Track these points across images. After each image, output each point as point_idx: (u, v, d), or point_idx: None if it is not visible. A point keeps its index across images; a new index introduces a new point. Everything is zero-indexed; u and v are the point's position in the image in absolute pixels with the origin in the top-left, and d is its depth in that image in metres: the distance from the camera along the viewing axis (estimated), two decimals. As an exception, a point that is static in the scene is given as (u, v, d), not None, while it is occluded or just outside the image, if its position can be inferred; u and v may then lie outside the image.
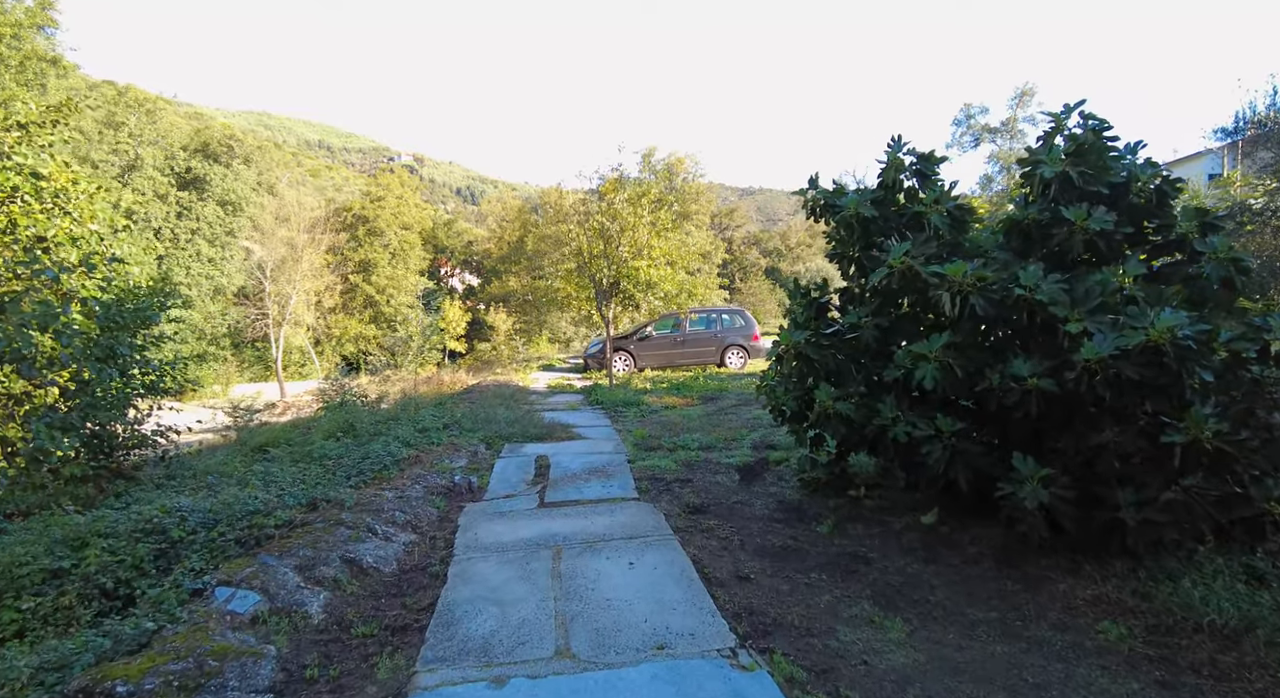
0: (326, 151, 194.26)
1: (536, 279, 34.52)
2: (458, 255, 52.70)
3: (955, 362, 4.47)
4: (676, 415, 9.75)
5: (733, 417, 9.52)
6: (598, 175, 12.33)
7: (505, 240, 43.36)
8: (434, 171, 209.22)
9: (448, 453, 7.34)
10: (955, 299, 4.42)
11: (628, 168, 12.06)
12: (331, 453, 7.38)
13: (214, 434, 17.14)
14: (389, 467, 6.47)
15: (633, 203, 12.61)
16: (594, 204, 12.45)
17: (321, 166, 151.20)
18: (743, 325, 16.78)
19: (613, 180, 13.21)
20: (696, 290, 15.40)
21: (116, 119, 35.84)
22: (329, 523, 4.85)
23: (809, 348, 5.24)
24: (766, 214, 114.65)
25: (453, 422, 8.85)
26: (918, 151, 5.39)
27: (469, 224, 62.21)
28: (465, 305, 43.81)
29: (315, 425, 9.75)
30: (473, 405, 10.83)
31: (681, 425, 8.98)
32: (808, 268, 43.54)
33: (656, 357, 16.48)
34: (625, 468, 6.75)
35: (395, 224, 44.85)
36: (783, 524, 5.21)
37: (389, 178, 48.15)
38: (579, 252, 12.91)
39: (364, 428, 8.60)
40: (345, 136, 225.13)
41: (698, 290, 15.40)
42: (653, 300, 14.70)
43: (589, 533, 4.82)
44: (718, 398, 11.22)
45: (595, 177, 12.31)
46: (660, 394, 11.78)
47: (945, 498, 5.13)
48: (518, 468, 6.85)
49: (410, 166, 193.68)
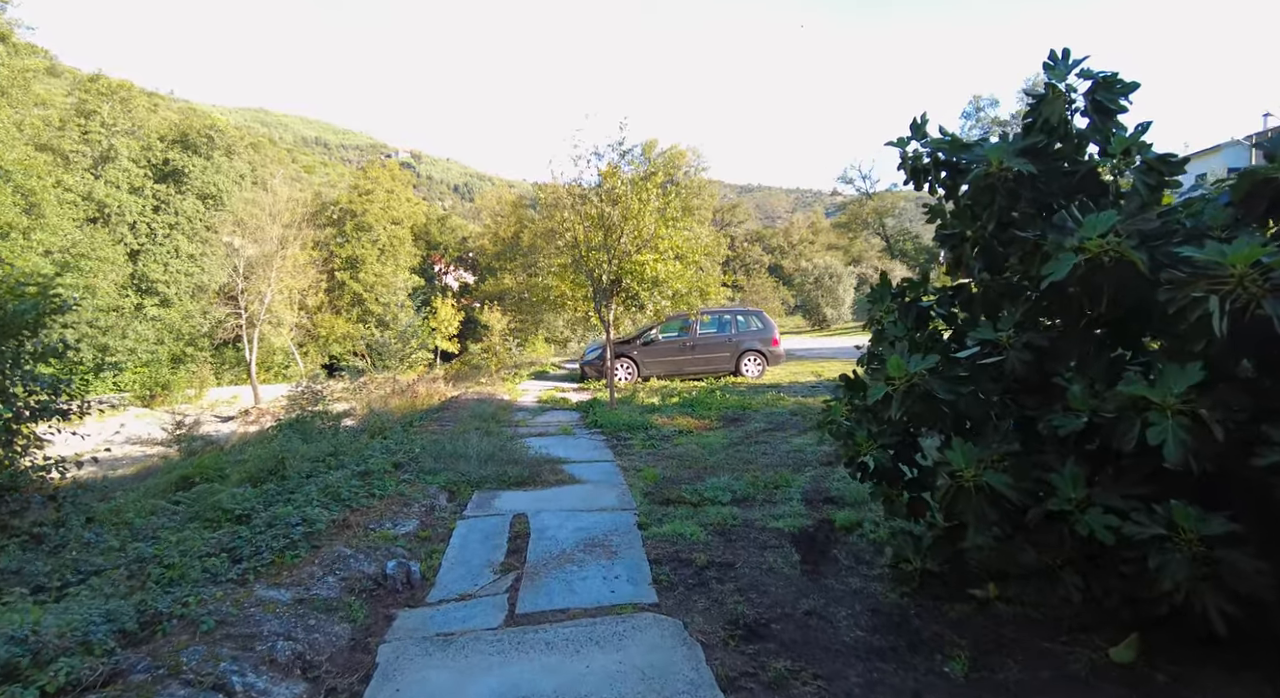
0: (323, 149, 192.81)
1: (532, 277, 32.65)
2: (451, 252, 50.76)
3: (1216, 415, 2.56)
4: (694, 445, 7.83)
5: (766, 448, 7.60)
6: (594, 153, 10.40)
7: (500, 236, 41.38)
8: (431, 169, 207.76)
9: (393, 510, 5.42)
10: (1225, 307, 2.51)
11: (629, 147, 10.17)
12: (238, 507, 5.46)
13: (161, 450, 15.21)
14: (299, 543, 4.54)
15: (637, 185, 10.67)
16: (592, 189, 10.52)
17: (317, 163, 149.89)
18: (760, 328, 14.84)
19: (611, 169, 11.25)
20: (710, 289, 13.49)
21: (88, 107, 33.81)
22: (155, 676, 2.94)
23: (936, 382, 3.30)
24: (765, 212, 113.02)
25: (410, 459, 6.92)
26: (1095, 73, 3.45)
27: (463, 220, 60.30)
28: (459, 304, 41.88)
29: (241, 460, 7.83)
30: (443, 429, 8.90)
31: (702, 461, 7.06)
32: (815, 265, 41.50)
33: (663, 364, 14.55)
34: (635, 538, 4.82)
35: (384, 219, 42.84)
36: (891, 660, 3.28)
37: (378, 171, 46.13)
38: (575, 243, 10.97)
39: (296, 466, 6.67)
40: (342, 134, 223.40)
41: (711, 289, 13.50)
42: (659, 300, 12.77)
43: (581, 695, 2.90)
44: (741, 419, 9.30)
45: (591, 154, 10.38)
46: (671, 413, 9.86)
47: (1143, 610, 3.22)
48: (484, 538, 4.92)
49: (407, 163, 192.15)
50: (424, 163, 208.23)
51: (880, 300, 4.42)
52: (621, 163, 10.39)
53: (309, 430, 10.36)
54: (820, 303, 39.54)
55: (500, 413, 10.05)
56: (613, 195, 10.45)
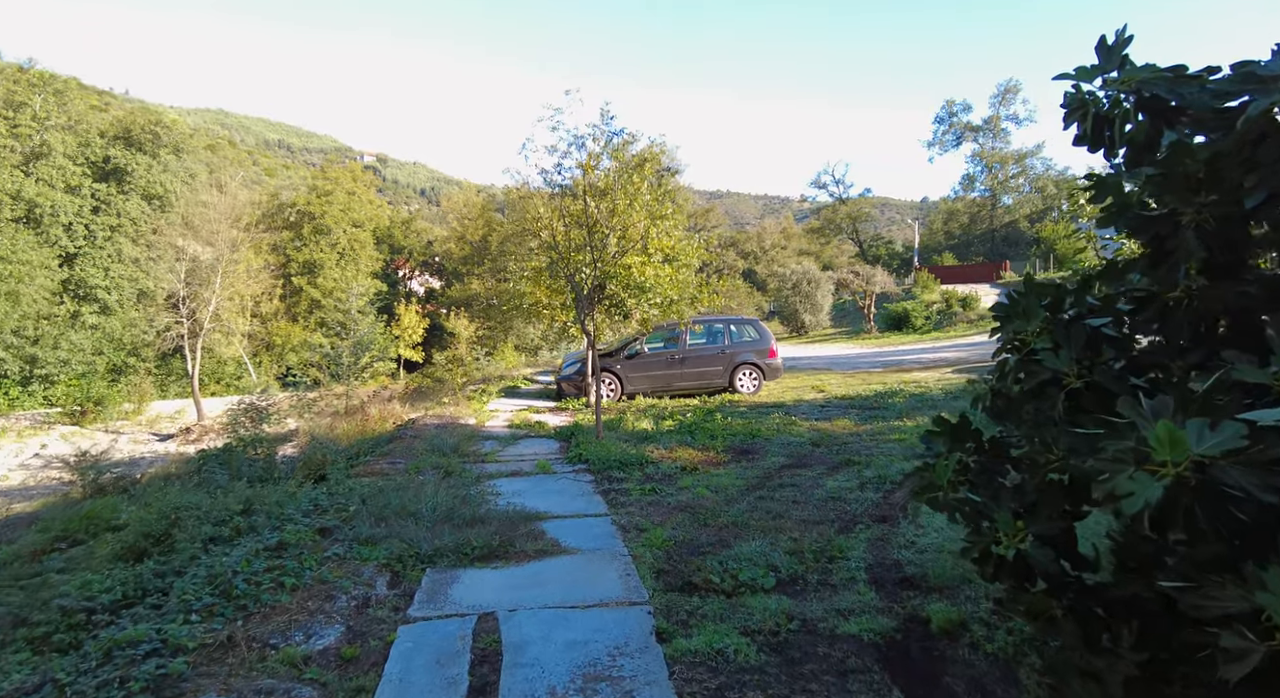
0: (286, 151, 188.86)
1: (501, 282, 31.02)
2: (417, 256, 48.79)
3: None
4: (705, 489, 6.35)
5: (794, 493, 6.14)
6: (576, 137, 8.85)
7: (467, 239, 39.59)
8: (398, 172, 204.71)
9: (308, 610, 3.85)
10: None
11: (615, 131, 8.67)
12: (86, 604, 3.85)
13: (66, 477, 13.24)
14: (153, 686, 2.95)
15: (624, 176, 9.18)
16: (573, 178, 8.98)
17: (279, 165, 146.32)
18: (755, 339, 13.43)
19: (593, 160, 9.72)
20: (703, 295, 12.03)
21: (16, 99, 31.30)
22: None
23: (1238, 472, 1.86)
24: (734, 218, 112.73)
25: (343, 519, 5.33)
26: None
27: (430, 223, 58.30)
28: (423, 310, 39.97)
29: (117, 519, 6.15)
30: (393, 468, 7.31)
31: (721, 515, 5.58)
32: (793, 270, 40.46)
33: (649, 379, 13.05)
34: (656, 662, 3.32)
35: (345, 221, 40.78)
36: None
37: (338, 171, 44.00)
38: (552, 244, 9.45)
39: (192, 530, 5.04)
40: (306, 136, 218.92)
41: (704, 295, 12.04)
42: (647, 308, 11.31)
43: None
44: (753, 451, 7.84)
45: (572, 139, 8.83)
46: (668, 442, 8.38)
47: None
48: (435, 664, 3.36)
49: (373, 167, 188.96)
50: (390, 166, 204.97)
51: (1027, 316, 2.99)
52: (604, 153, 8.90)
53: (237, 463, 8.70)
54: (799, 309, 38.52)
55: (464, 444, 8.46)
56: (597, 188, 8.96)
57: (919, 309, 32.65)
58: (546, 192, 8.94)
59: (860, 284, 35.50)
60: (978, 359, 17.02)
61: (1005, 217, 67.31)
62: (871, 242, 73.63)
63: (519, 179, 9.03)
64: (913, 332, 31.14)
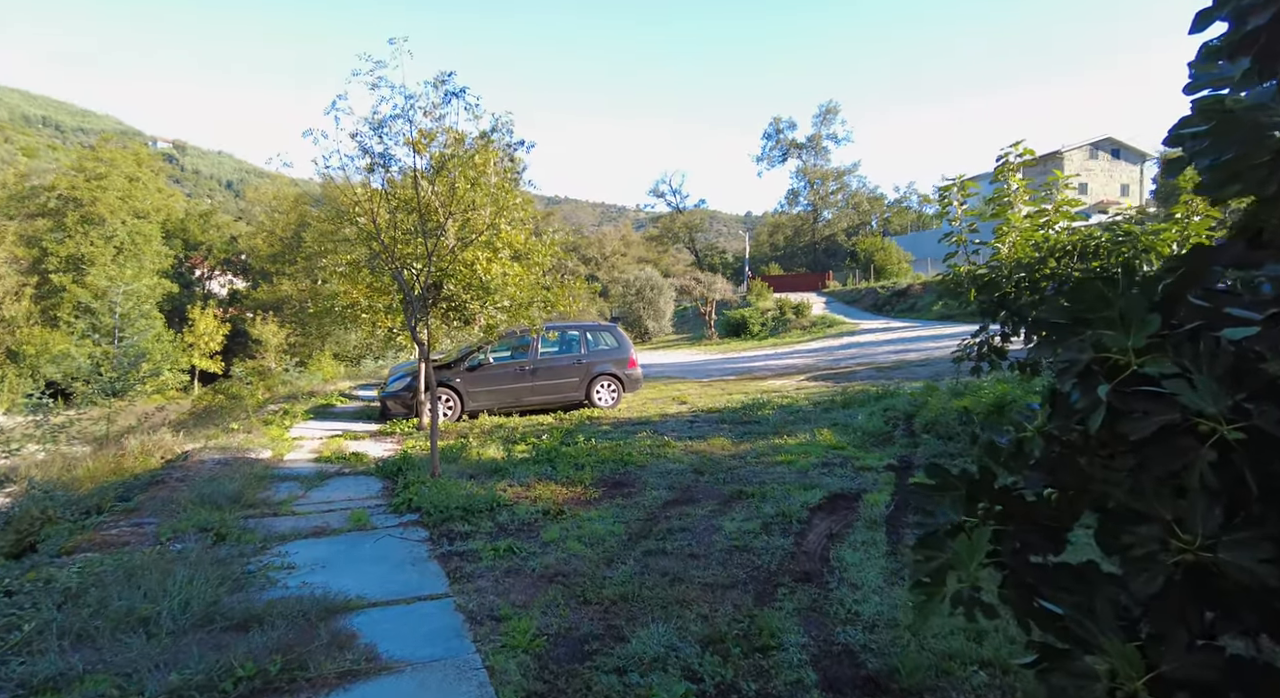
0: (55, 131, 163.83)
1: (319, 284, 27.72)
2: (218, 253, 42.97)
3: None
4: (576, 540, 4.96)
5: (690, 542, 4.92)
6: (406, 98, 7.04)
7: (277, 234, 35.11)
8: (199, 162, 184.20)
9: None
10: None
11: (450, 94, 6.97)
12: None
13: None
14: None
15: (462, 164, 7.54)
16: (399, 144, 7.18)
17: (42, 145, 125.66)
18: (614, 347, 12.21)
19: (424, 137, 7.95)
20: (558, 298, 10.59)
21: None
22: None
23: None
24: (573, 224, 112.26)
25: (24, 643, 3.37)
26: None
27: (234, 217, 51.82)
28: (224, 314, 35.02)
29: None
30: (139, 534, 5.23)
31: (603, 583, 4.22)
32: (636, 276, 40.19)
33: (494, 395, 11.39)
34: None
35: (124, 211, 34.79)
36: None
37: (114, 153, 37.47)
38: (372, 232, 7.60)
39: None
40: (81, 115, 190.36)
41: (559, 298, 10.61)
42: (492, 312, 9.70)
43: None
44: (628, 483, 6.55)
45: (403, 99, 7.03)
46: (524, 476, 6.88)
47: None
48: None
49: (169, 154, 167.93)
50: (191, 155, 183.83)
51: (1127, 321, 1.89)
52: (440, 120, 7.23)
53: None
54: (642, 315, 38.23)
55: (251, 489, 6.41)
56: (432, 162, 7.27)
57: (756, 316, 33.34)
58: (366, 163, 7.09)
59: (702, 290, 35.74)
60: (826, 366, 17.04)
61: (826, 230, 72.01)
62: (706, 251, 75.86)
63: (328, 150, 7.11)
64: (751, 338, 31.64)
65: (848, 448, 7.36)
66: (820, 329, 29.44)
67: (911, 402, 8.84)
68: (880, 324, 28.69)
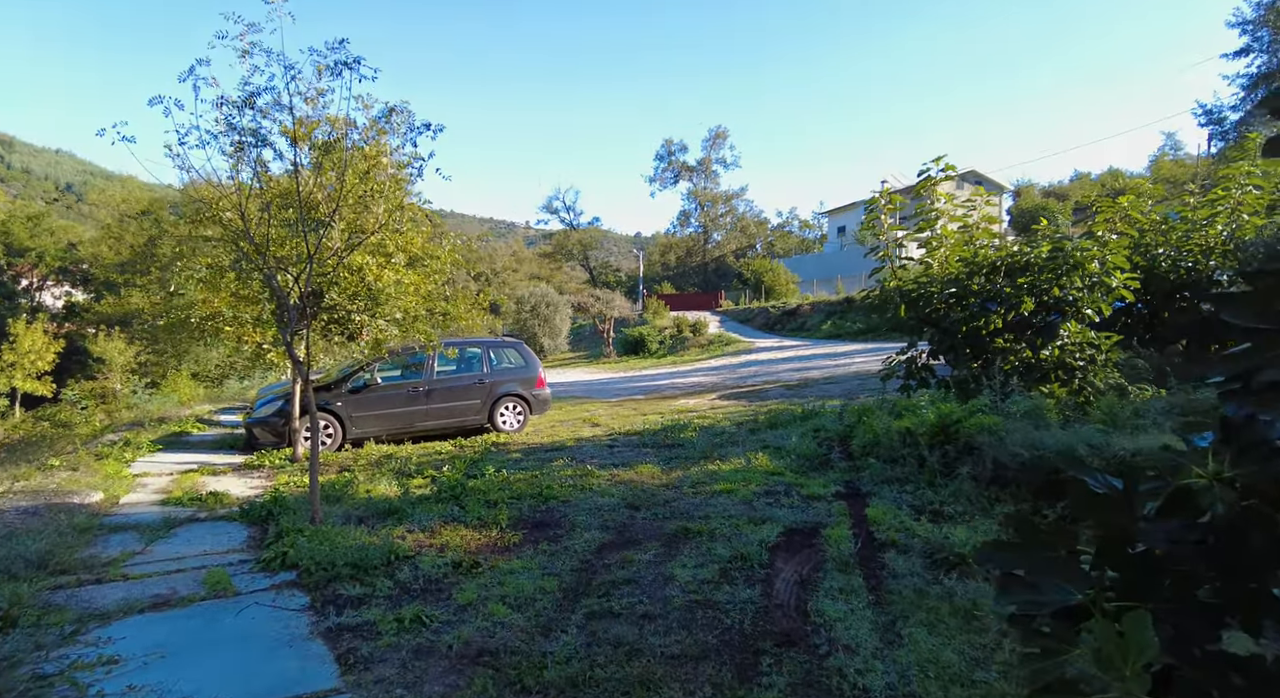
0: None
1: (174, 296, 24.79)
2: (51, 261, 38.03)
3: None
4: (500, 603, 4.03)
5: (639, 601, 4.11)
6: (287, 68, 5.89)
7: (126, 242, 31.32)
8: (31, 160, 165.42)
9: None
10: None
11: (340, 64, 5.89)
12: None
13: None
14: None
15: (351, 157, 6.45)
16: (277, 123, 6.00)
17: None
18: (520, 365, 11.21)
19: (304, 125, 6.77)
20: (458, 311, 9.50)
21: None
22: None
23: None
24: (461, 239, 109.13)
25: None
26: None
27: (73, 222, 46.31)
28: (58, 329, 30.90)
29: None
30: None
31: (542, 664, 3.33)
32: (532, 293, 39.08)
33: (383, 420, 10.09)
34: None
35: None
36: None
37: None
38: (240, 231, 6.33)
39: None
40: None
41: (460, 310, 9.52)
42: (382, 325, 8.53)
43: None
44: (554, 523, 5.64)
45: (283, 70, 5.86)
46: (427, 519, 5.82)
47: None
48: None
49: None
50: (20, 152, 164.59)
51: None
52: (325, 111, 6.13)
53: None
54: (538, 332, 37.13)
55: (65, 548, 4.99)
56: (320, 149, 6.13)
57: (654, 334, 33.06)
58: (234, 142, 5.84)
59: (600, 308, 35.11)
60: (733, 384, 16.73)
61: (716, 251, 73.54)
62: (600, 269, 75.50)
63: (184, 125, 5.80)
64: (650, 356, 31.28)
65: (787, 474, 6.79)
66: (718, 347, 29.46)
67: (839, 422, 8.47)
68: (774, 342, 29.03)
